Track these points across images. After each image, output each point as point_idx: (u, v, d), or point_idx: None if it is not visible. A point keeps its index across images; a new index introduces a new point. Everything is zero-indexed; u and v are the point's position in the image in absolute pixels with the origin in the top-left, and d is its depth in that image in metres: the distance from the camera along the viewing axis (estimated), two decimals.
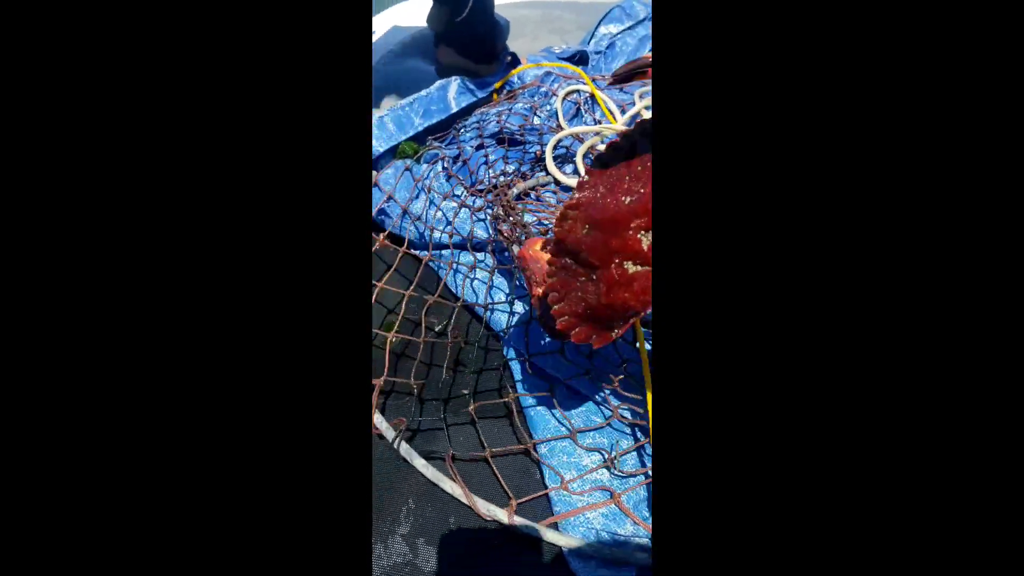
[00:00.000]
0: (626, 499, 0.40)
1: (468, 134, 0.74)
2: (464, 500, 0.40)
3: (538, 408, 0.48)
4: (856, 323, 0.18)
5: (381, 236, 0.60)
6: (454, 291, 0.58)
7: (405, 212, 0.63)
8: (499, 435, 0.47)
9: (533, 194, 0.67)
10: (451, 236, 0.61)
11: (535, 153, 0.71)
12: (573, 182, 0.67)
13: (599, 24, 1.00)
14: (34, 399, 0.18)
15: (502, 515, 0.38)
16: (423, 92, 0.75)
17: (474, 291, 0.58)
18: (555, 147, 0.68)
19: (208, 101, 0.20)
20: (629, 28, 0.99)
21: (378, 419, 0.43)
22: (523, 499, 0.41)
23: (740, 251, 0.19)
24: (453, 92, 0.78)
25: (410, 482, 0.45)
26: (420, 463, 0.41)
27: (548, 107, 0.76)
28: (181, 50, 0.20)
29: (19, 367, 0.18)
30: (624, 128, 0.67)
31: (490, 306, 0.55)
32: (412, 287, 0.56)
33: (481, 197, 0.66)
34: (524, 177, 0.69)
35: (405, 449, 0.42)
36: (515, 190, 0.65)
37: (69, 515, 0.19)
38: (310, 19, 0.21)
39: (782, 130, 0.19)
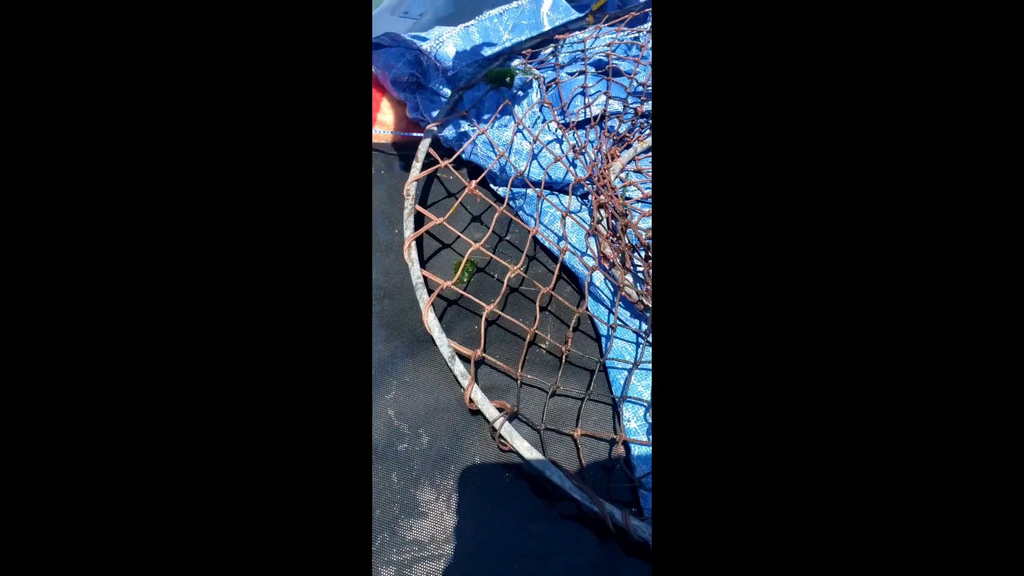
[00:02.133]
0: None
1: (565, 59, 0.66)
2: (575, 494, 0.36)
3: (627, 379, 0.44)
4: (853, 323, 0.18)
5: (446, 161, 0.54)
6: (541, 239, 0.53)
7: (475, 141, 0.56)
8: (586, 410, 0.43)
9: (635, 163, 0.59)
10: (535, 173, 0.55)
11: (641, 84, 0.63)
12: None
13: None
14: (34, 399, 0.18)
15: (617, 515, 0.34)
16: (513, 4, 0.67)
17: (557, 237, 0.52)
18: None
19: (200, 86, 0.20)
20: None
21: (478, 394, 0.39)
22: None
23: (741, 251, 0.19)
24: (547, 7, 0.68)
25: (478, 439, 0.41)
26: (524, 446, 0.37)
27: None
28: (184, 43, 0.20)
29: (21, 367, 0.18)
30: None
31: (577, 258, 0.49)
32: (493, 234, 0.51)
33: (573, 131, 0.59)
34: (624, 142, 0.61)
35: (507, 431, 0.37)
36: (616, 165, 0.57)
37: (66, 515, 0.19)
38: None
39: (782, 130, 0.19)
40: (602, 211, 0.51)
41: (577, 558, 0.36)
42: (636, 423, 0.42)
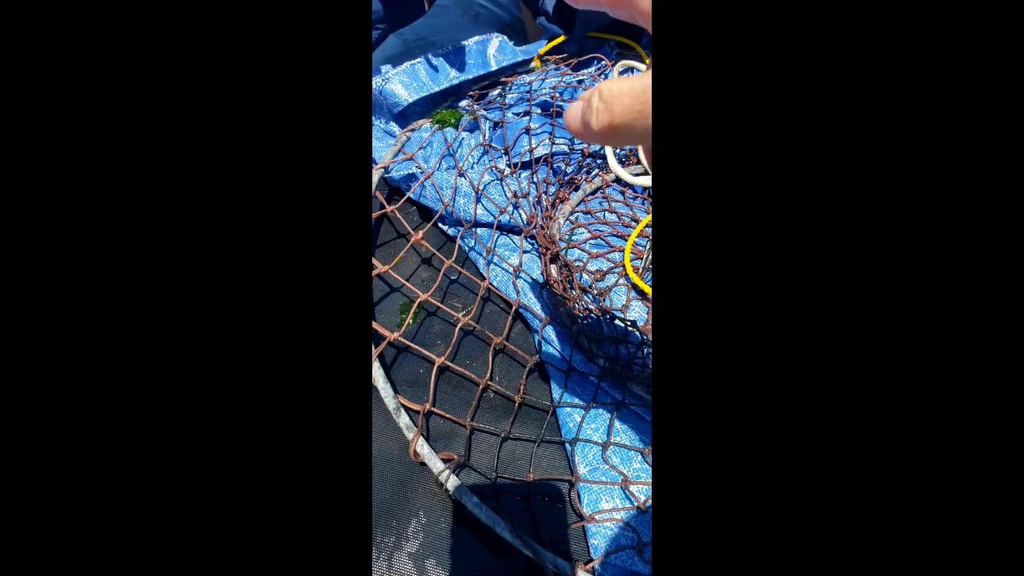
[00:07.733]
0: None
1: (511, 100, 0.67)
2: (525, 550, 0.35)
3: (574, 415, 0.44)
4: (855, 324, 0.18)
5: (390, 206, 0.53)
6: (485, 275, 0.53)
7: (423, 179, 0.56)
8: (537, 453, 0.43)
9: (583, 204, 0.61)
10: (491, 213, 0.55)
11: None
12: (644, 181, 0.60)
13: None
14: (33, 399, 0.18)
15: (565, 568, 0.34)
16: (461, 43, 0.68)
17: (506, 278, 0.52)
18: None
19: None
20: None
21: (424, 447, 0.38)
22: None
23: (741, 253, 0.19)
24: (493, 49, 0.70)
25: (422, 491, 0.40)
26: (473, 502, 0.36)
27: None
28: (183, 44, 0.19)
29: (19, 367, 0.18)
30: None
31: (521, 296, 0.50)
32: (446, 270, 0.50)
33: (514, 173, 0.60)
34: (572, 183, 0.62)
35: (453, 484, 0.37)
36: (566, 208, 0.58)
37: (64, 516, 0.18)
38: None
39: (782, 129, 0.18)
40: (551, 265, 0.52)
41: None
42: (585, 467, 0.42)
